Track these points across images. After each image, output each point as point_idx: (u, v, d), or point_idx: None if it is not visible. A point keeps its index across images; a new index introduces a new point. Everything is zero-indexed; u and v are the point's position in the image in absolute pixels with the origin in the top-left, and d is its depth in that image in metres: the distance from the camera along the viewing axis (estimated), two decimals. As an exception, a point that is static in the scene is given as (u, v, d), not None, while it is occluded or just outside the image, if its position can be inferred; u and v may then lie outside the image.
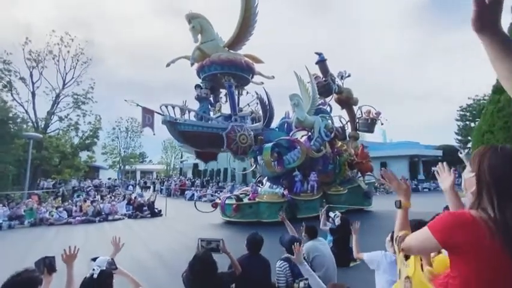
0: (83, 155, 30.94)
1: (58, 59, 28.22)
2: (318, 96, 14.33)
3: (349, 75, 15.96)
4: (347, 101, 15.99)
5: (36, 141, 25.30)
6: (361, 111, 16.14)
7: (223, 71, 11.86)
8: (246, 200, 12.16)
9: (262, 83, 13.99)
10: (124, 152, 41.13)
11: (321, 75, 15.20)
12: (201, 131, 11.08)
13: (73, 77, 28.60)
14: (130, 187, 32.32)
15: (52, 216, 15.08)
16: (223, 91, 13.34)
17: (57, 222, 14.28)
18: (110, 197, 27.78)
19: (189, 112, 11.64)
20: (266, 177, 13.69)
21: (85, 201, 22.15)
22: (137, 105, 10.58)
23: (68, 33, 28.30)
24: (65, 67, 28.37)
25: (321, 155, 12.94)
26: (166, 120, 10.62)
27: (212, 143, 11.27)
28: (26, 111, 27.49)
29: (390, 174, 1.95)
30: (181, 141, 11.35)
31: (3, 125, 24.85)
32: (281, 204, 11.87)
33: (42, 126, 27.84)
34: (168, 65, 11.75)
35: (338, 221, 6.31)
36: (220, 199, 13.04)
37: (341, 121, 16.30)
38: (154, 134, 10.88)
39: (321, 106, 14.07)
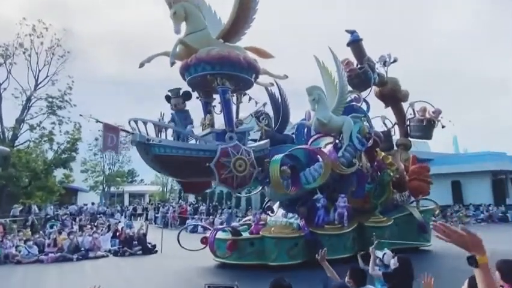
0: (59, 174, 31.10)
1: (30, 53, 28.70)
2: (350, 89, 13.40)
3: (395, 61, 14.89)
4: (392, 96, 14.89)
5: (2, 157, 25.59)
6: (413, 110, 14.97)
7: (215, 72, 11.06)
8: (246, 234, 11.28)
9: (272, 84, 13.33)
10: (109, 169, 41.18)
11: (354, 62, 14.19)
12: (183, 155, 10.35)
13: (47, 75, 28.97)
14: (117, 215, 32.24)
15: (20, 252, 15.18)
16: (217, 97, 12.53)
17: (25, 260, 14.45)
18: (91, 228, 27.70)
19: (166, 130, 10.97)
20: (278, 203, 12.78)
21: (60, 233, 22.04)
22: (97, 121, 10.26)
23: (41, 21, 28.78)
24: (37, 63, 28.84)
25: (354, 170, 11.86)
26: (135, 140, 10.11)
27: (198, 170, 10.52)
28: (-9, 119, 27.97)
29: (444, 227, 1.89)
30: (156, 168, 10.78)
31: (-37, 136, 25.43)
32: (295, 241, 10.99)
33: (10, 137, 28.21)
34: (142, 64, 11.06)
35: (394, 263, 5.75)
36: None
37: (384, 123, 15.27)
38: (118, 159, 10.31)
39: (354, 103, 13.02)
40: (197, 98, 12.39)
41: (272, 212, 12.77)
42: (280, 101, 13.59)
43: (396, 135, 15.31)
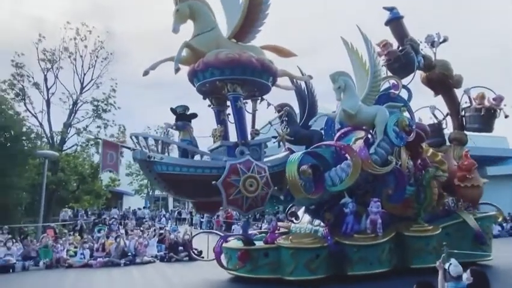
0: (105, 177, 31.62)
1: (75, 57, 29.42)
2: (390, 75, 11.85)
3: (445, 40, 13.21)
4: (442, 82, 13.11)
5: (52, 161, 26.25)
6: (469, 98, 13.01)
7: (224, 77, 10.14)
8: (260, 244, 10.21)
9: (296, 86, 12.32)
10: (154, 172, 41.47)
11: (394, 43, 12.55)
12: (187, 173, 9.67)
13: (92, 79, 29.56)
14: (163, 219, 32.17)
15: (70, 256, 15.87)
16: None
17: (76, 264, 15.03)
18: (138, 232, 27.69)
19: (168, 146, 10.48)
20: (303, 208, 11.45)
21: (108, 237, 22.26)
22: (96, 138, 9.80)
23: (85, 24, 29.45)
24: (82, 66, 29.53)
25: (390, 169, 10.21)
26: (136, 157, 9.64)
27: (205, 190, 9.75)
28: (41, 124, 29.02)
29: None
30: (160, 187, 10.27)
31: (16, 142, 26.41)
32: (316, 252, 9.64)
33: (58, 141, 29.02)
34: (146, 72, 10.26)
35: (467, 278, 5.20)
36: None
37: (434, 115, 13.52)
38: (118, 180, 9.94)
39: (392, 91, 11.38)
40: (209, 106, 11.54)
41: (296, 218, 11.56)
42: (307, 93, 12.24)
43: (449, 128, 13.48)
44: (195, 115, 11.00)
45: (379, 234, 10.00)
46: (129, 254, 15.70)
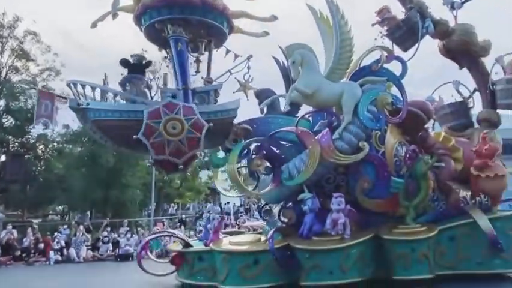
0: (203, 175, 32.32)
1: None
2: (377, 45, 9.18)
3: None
4: (464, 50, 9.84)
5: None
6: (503, 68, 9.62)
7: (161, 18, 8.76)
8: (199, 246, 8.56)
9: (267, 33, 10.03)
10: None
11: (393, 11, 9.75)
12: (116, 119, 8.26)
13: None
14: (256, 213, 31.36)
15: None
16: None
17: None
18: (233, 227, 27.53)
19: (115, 97, 8.98)
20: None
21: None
22: (31, 88, 9.22)
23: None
24: None
25: (360, 158, 7.73)
26: (69, 106, 8.58)
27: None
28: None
29: None
30: (97, 137, 8.91)
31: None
32: (254, 257, 7.68)
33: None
34: (94, 25, 9.29)
35: None
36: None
37: (459, 92, 10.33)
38: (53, 129, 9.33)
39: (383, 66, 8.61)
40: (165, 58, 10.82)
41: (271, 216, 9.50)
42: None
43: (477, 107, 10.17)
44: (147, 64, 9.53)
45: (345, 237, 7.56)
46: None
